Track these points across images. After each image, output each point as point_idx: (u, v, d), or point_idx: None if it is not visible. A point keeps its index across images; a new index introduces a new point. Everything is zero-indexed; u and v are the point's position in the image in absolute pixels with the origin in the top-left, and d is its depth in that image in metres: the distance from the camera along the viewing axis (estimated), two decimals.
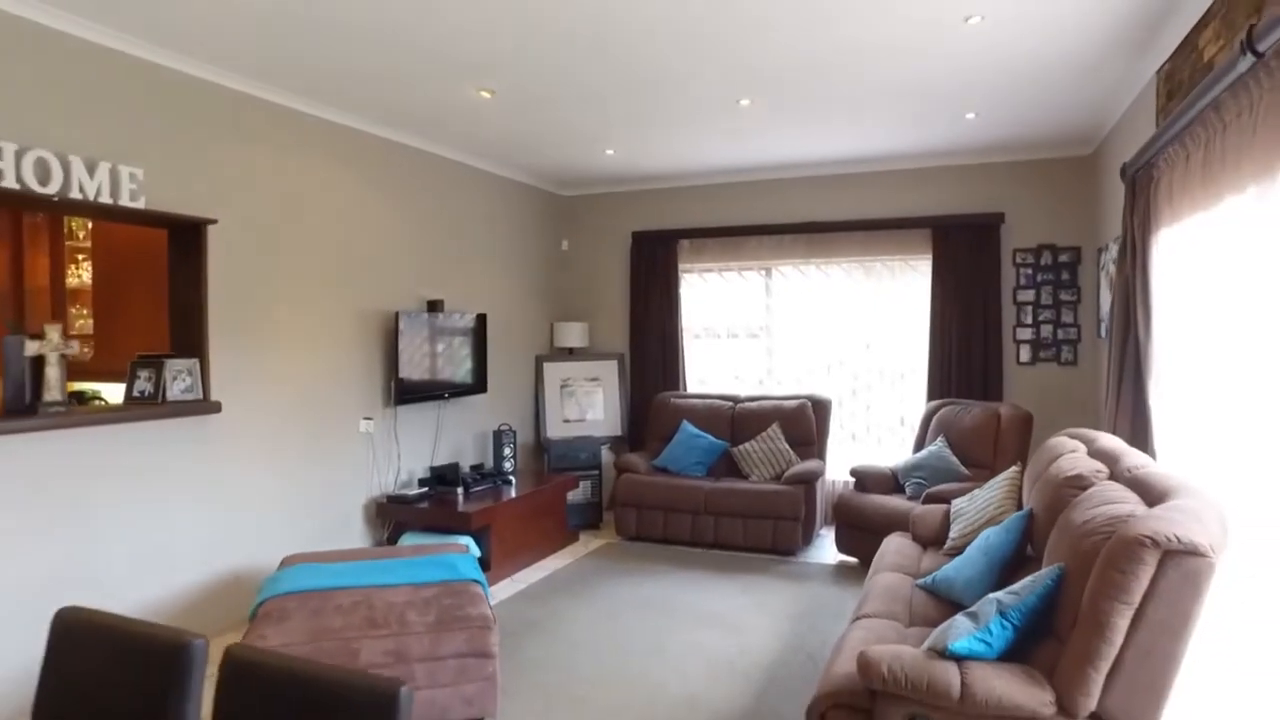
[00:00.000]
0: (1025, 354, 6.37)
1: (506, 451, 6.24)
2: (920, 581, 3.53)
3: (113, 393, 5.02)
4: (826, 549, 6.00)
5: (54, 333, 3.66)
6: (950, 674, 2.31)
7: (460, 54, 4.10)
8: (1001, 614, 2.41)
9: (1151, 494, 2.52)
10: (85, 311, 5.38)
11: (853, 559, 5.69)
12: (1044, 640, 2.44)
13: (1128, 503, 2.49)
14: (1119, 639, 2.15)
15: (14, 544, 3.46)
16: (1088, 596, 2.24)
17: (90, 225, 5.26)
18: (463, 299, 6.28)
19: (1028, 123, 5.42)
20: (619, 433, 7.35)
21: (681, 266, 7.35)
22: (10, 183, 3.37)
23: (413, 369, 5.56)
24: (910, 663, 2.36)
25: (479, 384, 6.26)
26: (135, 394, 4.07)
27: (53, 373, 3.64)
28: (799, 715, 3.29)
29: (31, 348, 3.57)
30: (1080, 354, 6.16)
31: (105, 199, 3.75)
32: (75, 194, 3.62)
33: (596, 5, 3.46)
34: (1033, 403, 6.13)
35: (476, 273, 6.53)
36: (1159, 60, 4.03)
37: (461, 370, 6.06)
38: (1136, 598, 2.14)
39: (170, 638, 1.52)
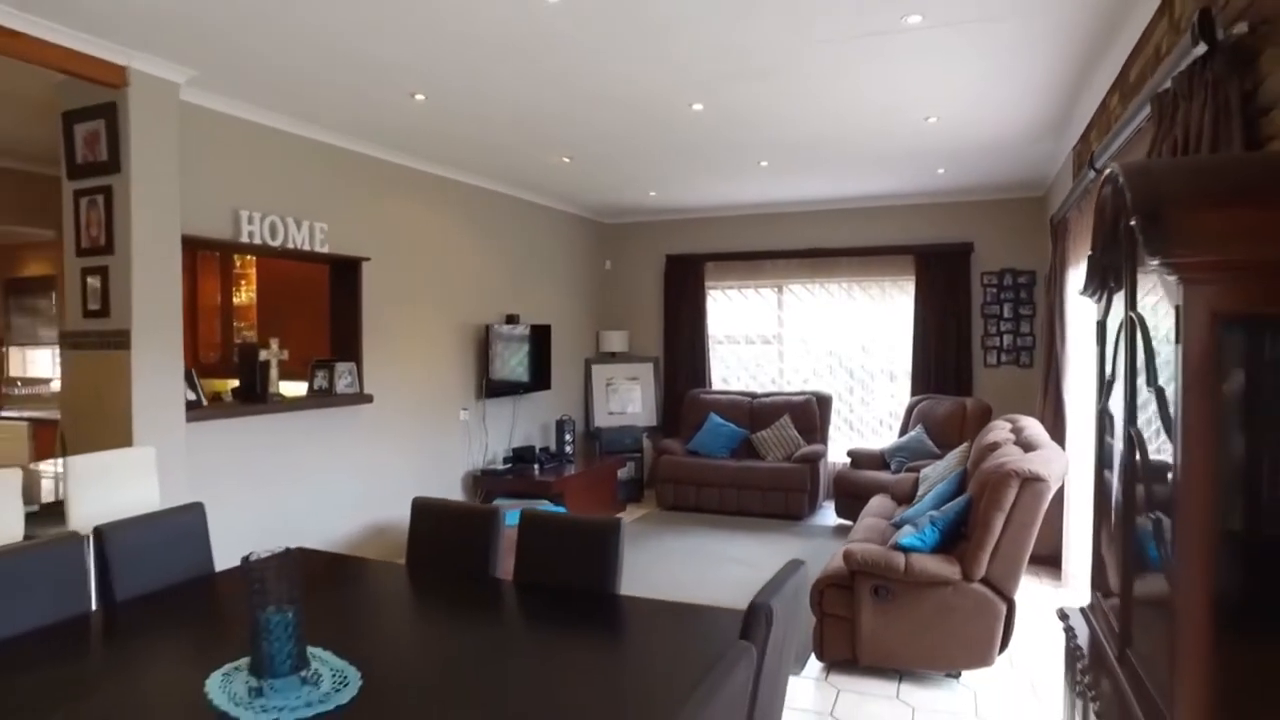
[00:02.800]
0: (992, 358, 7.79)
1: (567, 437, 7.69)
2: (892, 520, 4.96)
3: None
4: (828, 515, 7.43)
5: (274, 344, 5.12)
6: (899, 559, 3.75)
7: (556, 136, 5.56)
8: (932, 523, 3.85)
9: (1029, 449, 3.95)
10: (247, 325, 6.82)
11: (849, 522, 7.10)
12: (958, 541, 3.87)
13: (1013, 456, 3.91)
14: (998, 532, 3.59)
15: (253, 489, 4.91)
16: (981, 509, 3.67)
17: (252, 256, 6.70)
18: (532, 312, 7.73)
19: (987, 174, 6.85)
20: (655, 423, 8.79)
21: (708, 284, 8.79)
22: (257, 239, 4.85)
23: (497, 370, 7.01)
24: (874, 552, 3.80)
25: (545, 382, 7.71)
26: (315, 388, 5.52)
27: (273, 373, 5.10)
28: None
29: (263, 355, 5.03)
30: (1035, 358, 7.58)
31: (306, 246, 5.21)
32: (290, 244, 5.09)
33: (661, 102, 4.90)
34: (997, 397, 7.53)
35: (541, 290, 7.98)
36: (1073, 141, 5.45)
37: (532, 371, 7.51)
38: (1007, 507, 3.57)
39: (484, 509, 2.95)
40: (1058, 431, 5.30)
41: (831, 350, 8.45)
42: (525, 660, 2.18)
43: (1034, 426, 4.51)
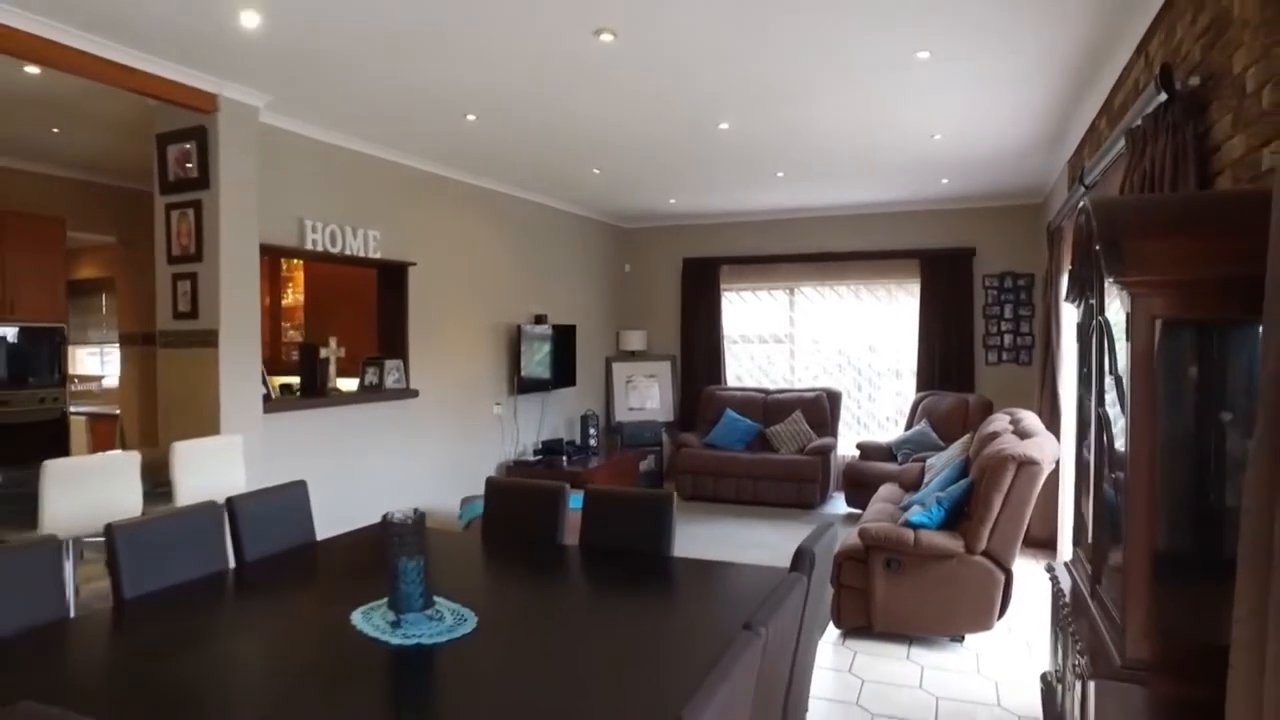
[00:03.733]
0: (993, 356, 8.24)
1: (591, 431, 8.15)
2: (900, 504, 5.41)
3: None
4: (839, 504, 7.88)
5: (332, 343, 5.58)
6: (908, 534, 4.20)
7: (591, 152, 6.01)
8: (938, 502, 4.30)
9: (1025, 438, 4.40)
10: (294, 325, 7.29)
11: (858, 510, 7.55)
12: (961, 519, 4.33)
13: (1010, 443, 4.36)
14: (997, 510, 4.04)
15: (315, 474, 5.35)
16: (981, 490, 4.13)
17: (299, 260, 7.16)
18: (558, 313, 8.19)
19: (988, 184, 7.29)
20: (672, 418, 9.25)
21: (723, 286, 9.25)
22: (319, 246, 5.31)
23: (527, 367, 7.47)
24: (887, 528, 4.26)
25: (570, 378, 8.17)
26: (365, 384, 5.98)
27: (331, 370, 5.57)
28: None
29: (323, 353, 5.49)
30: (1034, 356, 8.02)
31: (361, 253, 5.67)
32: (347, 250, 5.55)
33: (691, 122, 5.35)
34: (997, 393, 7.97)
35: (566, 292, 8.44)
36: (1067, 154, 5.89)
37: (559, 368, 7.97)
38: (1005, 488, 4.02)
39: (552, 486, 3.41)
40: (1053, 423, 5.74)
41: (841, 349, 8.90)
42: (600, 604, 2.63)
43: (1030, 418, 4.96)
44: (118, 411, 7.55)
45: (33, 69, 4.08)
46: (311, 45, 3.87)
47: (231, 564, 2.98)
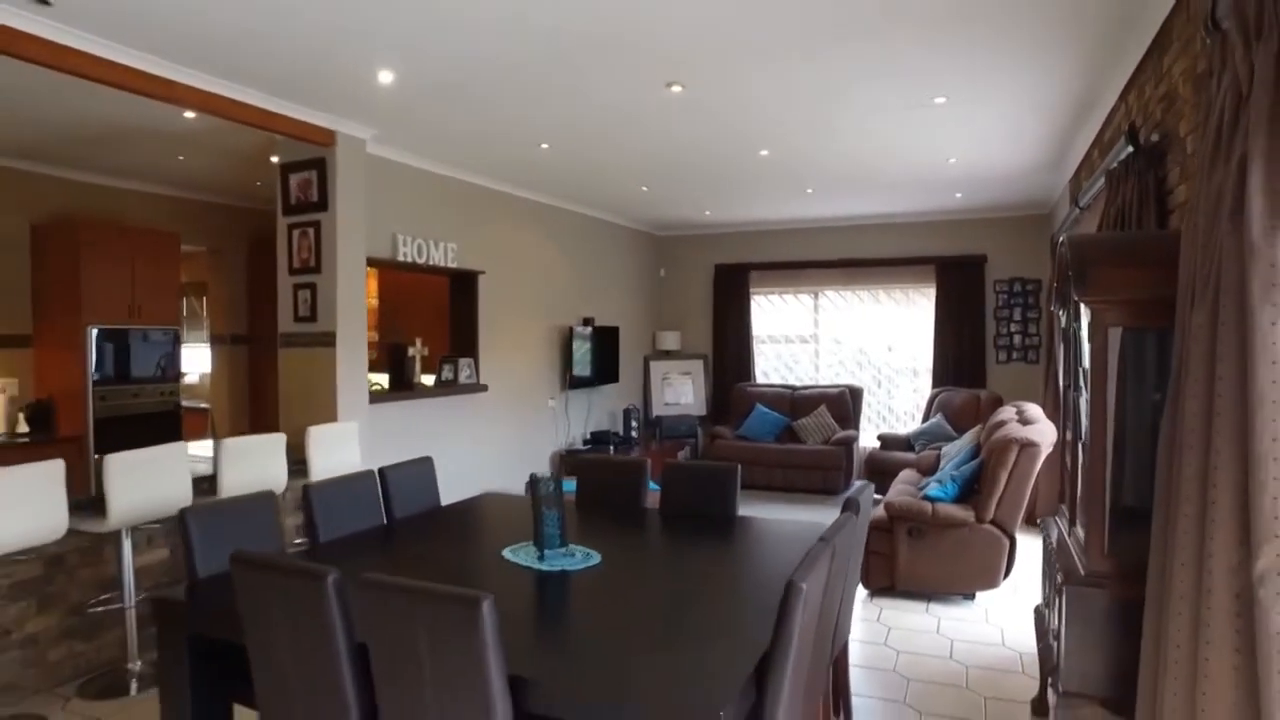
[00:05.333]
0: (1002, 355, 8.94)
1: (633, 424, 8.90)
2: (918, 486, 6.13)
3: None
4: None
5: (418, 342, 6.35)
6: (927, 506, 4.93)
7: (644, 173, 6.77)
8: (953, 479, 5.03)
9: (1027, 424, 5.12)
10: (370, 326, 8.05)
11: (879, 495, 8.26)
12: (971, 494, 5.05)
13: (1013, 429, 5.08)
14: (1002, 485, 4.76)
15: (409, 455, 6.14)
16: (989, 469, 4.85)
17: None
18: (602, 315, 8.94)
19: (998, 197, 8.00)
20: (705, 413, 9.99)
21: (752, 290, 9.98)
22: (409, 258, 6.08)
23: (577, 365, 8.22)
24: (908, 501, 4.99)
25: (614, 375, 8.92)
26: (441, 379, 6.74)
27: (416, 366, 6.34)
28: None
29: (410, 351, 6.26)
30: (1040, 355, 8.71)
31: (441, 263, 6.44)
32: (430, 261, 6.32)
33: (736, 149, 6.09)
34: (1007, 389, 8.67)
35: (608, 296, 9.20)
36: (1068, 174, 6.60)
37: (604, 366, 8.72)
38: (1010, 466, 4.74)
39: (635, 461, 4.15)
40: (1056, 415, 6.45)
41: (861, 349, 9.62)
42: (688, 548, 3.37)
43: (1033, 409, 5.67)
44: (207, 406, 8.35)
45: (190, 114, 4.85)
46: (423, 93, 4.63)
47: (384, 520, 3.74)
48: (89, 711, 3.64)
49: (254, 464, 4.33)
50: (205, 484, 4.26)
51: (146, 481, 3.83)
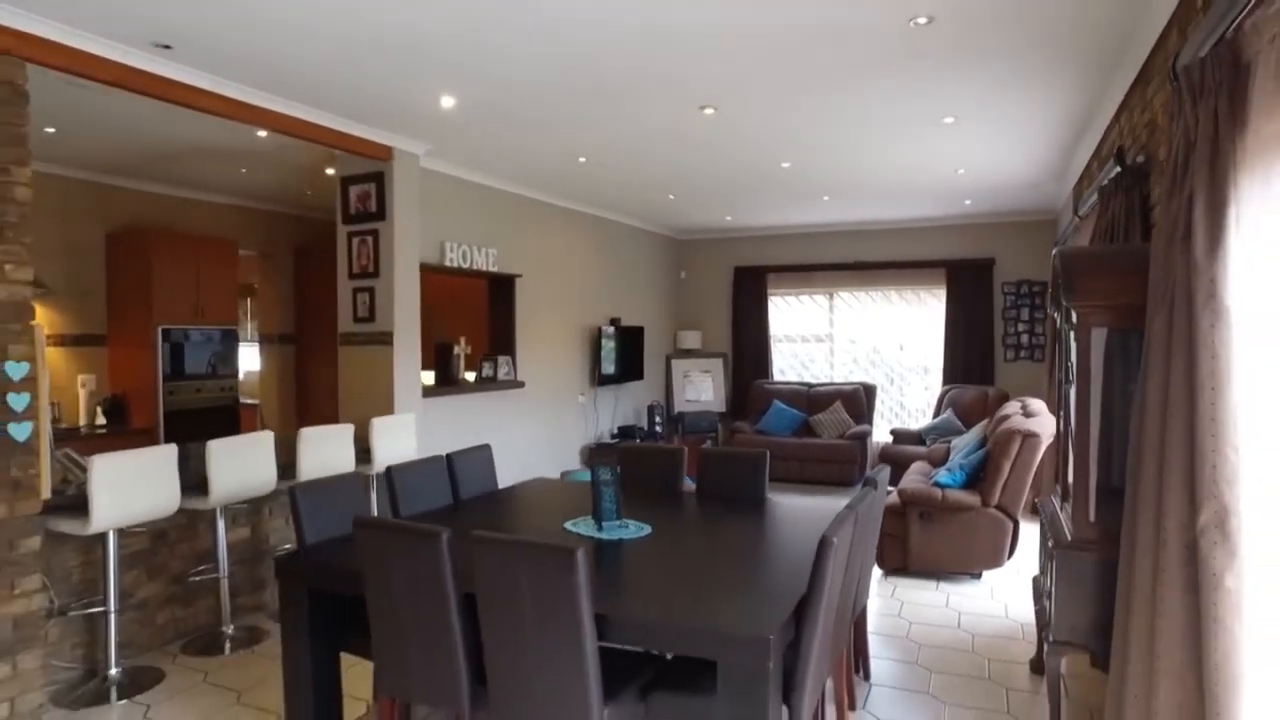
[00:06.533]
0: (1010, 354, 9.35)
1: (657, 419, 9.36)
2: (929, 476, 6.56)
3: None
4: None
5: (462, 340, 6.83)
6: (937, 492, 5.37)
7: (670, 183, 7.22)
8: (961, 468, 5.47)
9: (1029, 417, 5.55)
10: None
11: (892, 487, 8.69)
12: (978, 482, 5.48)
13: (1017, 422, 5.51)
14: (1006, 472, 5.20)
15: (455, 446, 6.61)
16: (994, 457, 5.28)
17: None
18: (628, 316, 9.40)
19: (1006, 203, 8.42)
20: (724, 409, 10.44)
21: (769, 291, 10.43)
22: (455, 263, 6.56)
23: (604, 363, 8.68)
24: (920, 488, 5.43)
25: (639, 373, 9.38)
26: (482, 376, 7.22)
27: (460, 363, 6.81)
28: None
29: (455, 350, 6.74)
30: (1045, 354, 9.12)
31: (483, 267, 6.92)
32: (474, 266, 6.79)
33: (759, 162, 6.55)
34: (1013, 386, 9.08)
35: (634, 297, 9.66)
36: (1071, 183, 7.01)
37: (630, 364, 9.18)
38: (1013, 455, 5.18)
39: (673, 449, 4.60)
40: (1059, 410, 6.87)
41: (875, 348, 10.06)
42: (725, 522, 3.83)
43: (1036, 404, 6.09)
44: (256, 402, 8.84)
45: (263, 133, 5.33)
46: (478, 115, 5.10)
47: (451, 499, 4.20)
48: (195, 666, 4.13)
49: (328, 450, 4.80)
50: (289, 468, 4.74)
51: (241, 465, 4.32)
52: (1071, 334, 3.22)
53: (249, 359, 9.53)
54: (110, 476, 3.66)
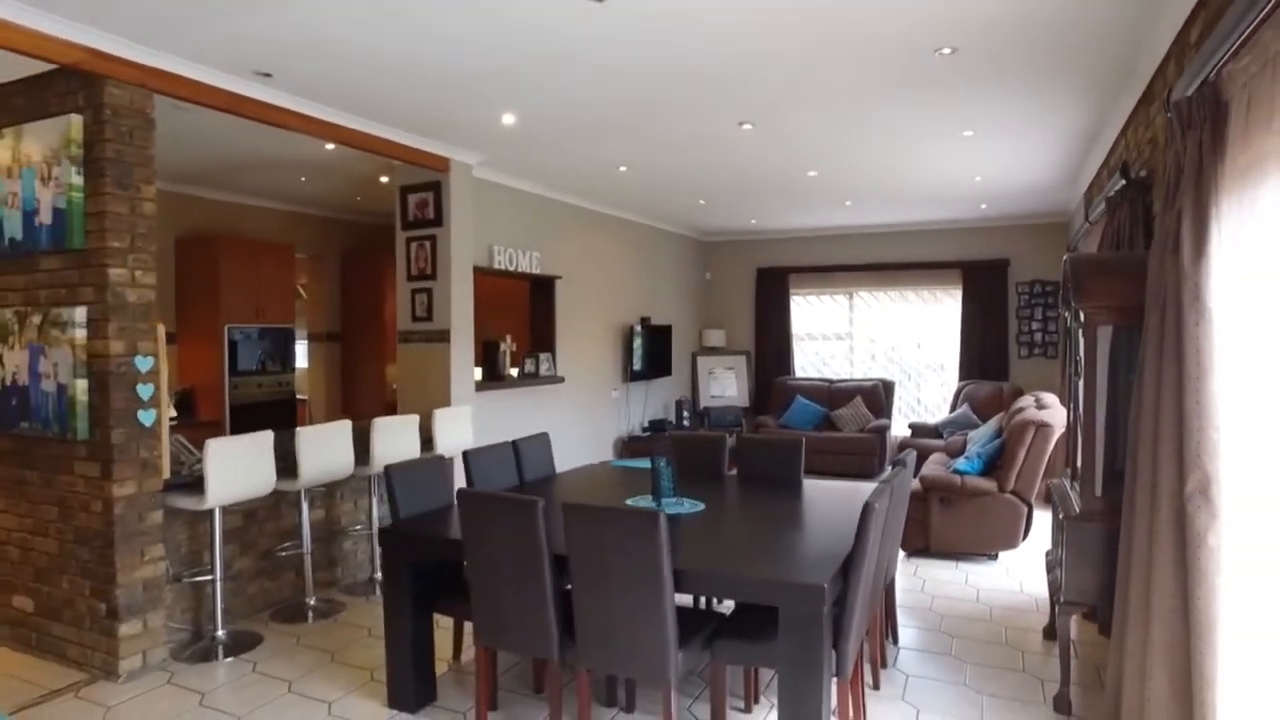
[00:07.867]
0: (1024, 351, 9.74)
1: (684, 414, 9.79)
2: (946, 467, 6.96)
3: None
4: None
5: (508, 338, 7.27)
6: (956, 479, 5.78)
7: (702, 190, 7.65)
8: (979, 456, 5.88)
9: (1042, 407, 5.95)
10: None
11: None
12: (994, 469, 5.89)
13: (1031, 414, 5.91)
14: (1020, 460, 5.60)
15: (503, 437, 7.07)
16: (1009, 447, 5.69)
17: None
18: (657, 315, 9.84)
19: (1020, 207, 8.81)
20: (747, 404, 10.86)
21: (791, 291, 10.84)
22: (502, 266, 7.01)
23: (636, 360, 9.11)
24: (940, 473, 5.85)
25: (667, 369, 9.81)
26: (525, 371, 7.65)
27: (505, 360, 7.26)
28: None
29: (501, 347, 7.18)
30: (1059, 351, 9.50)
31: (526, 269, 7.36)
32: (519, 268, 7.24)
33: (786, 171, 6.97)
34: (1027, 382, 9.46)
35: (661, 297, 10.09)
36: (1083, 188, 7.40)
37: (659, 361, 9.61)
38: (1027, 444, 5.58)
39: (716, 436, 5.03)
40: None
41: (893, 346, 10.46)
42: (768, 501, 4.25)
43: (1049, 398, 6.49)
44: (304, 397, 9.32)
45: (330, 145, 5.78)
46: (533, 129, 5.54)
47: (518, 481, 4.64)
48: (286, 631, 4.59)
49: (396, 438, 5.25)
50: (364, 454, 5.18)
51: (325, 451, 4.77)
52: (1080, 331, 3.63)
53: (298, 356, 10.00)
54: (222, 458, 4.11)
